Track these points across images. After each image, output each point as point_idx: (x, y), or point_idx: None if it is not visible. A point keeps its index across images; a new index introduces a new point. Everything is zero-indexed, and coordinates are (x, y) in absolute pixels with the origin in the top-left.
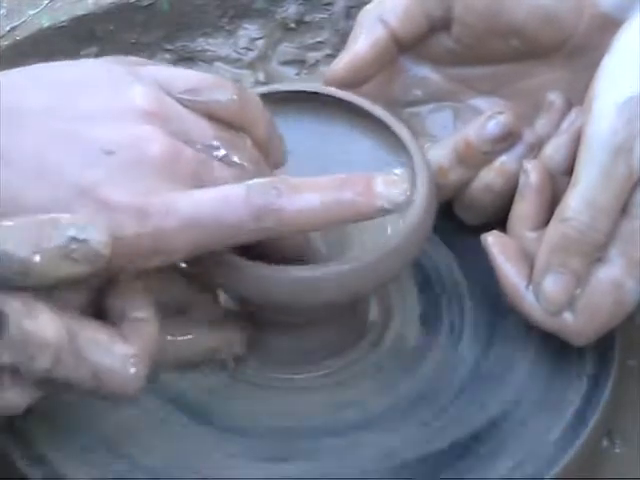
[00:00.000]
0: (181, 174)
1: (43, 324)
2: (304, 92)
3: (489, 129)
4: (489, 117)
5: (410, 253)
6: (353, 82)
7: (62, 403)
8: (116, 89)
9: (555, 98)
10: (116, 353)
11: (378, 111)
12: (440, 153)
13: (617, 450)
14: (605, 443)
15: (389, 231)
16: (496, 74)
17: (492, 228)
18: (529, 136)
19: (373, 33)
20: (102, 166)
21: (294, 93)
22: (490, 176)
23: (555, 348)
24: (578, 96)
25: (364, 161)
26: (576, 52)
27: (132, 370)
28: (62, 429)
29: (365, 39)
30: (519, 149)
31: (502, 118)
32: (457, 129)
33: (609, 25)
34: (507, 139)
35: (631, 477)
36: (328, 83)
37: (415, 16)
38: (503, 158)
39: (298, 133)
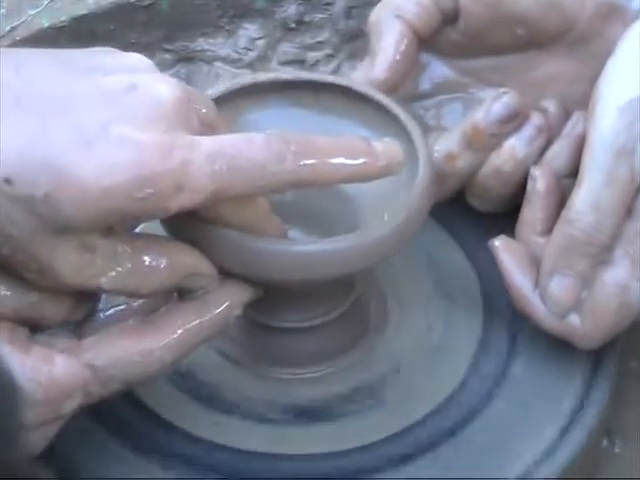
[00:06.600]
0: (193, 120)
1: (61, 371)
2: (302, 80)
3: (495, 110)
4: (494, 99)
5: (406, 234)
6: (393, 83)
7: None
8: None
9: (549, 105)
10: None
11: (376, 95)
12: (449, 140)
13: (617, 450)
14: (605, 443)
15: (385, 214)
16: (503, 65)
17: (505, 216)
18: (537, 118)
19: (395, 30)
20: (123, 104)
21: (292, 81)
22: (499, 160)
23: (555, 347)
24: (584, 86)
25: None
26: (581, 40)
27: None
28: None
29: (389, 38)
30: (527, 131)
31: (507, 98)
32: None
33: (613, 12)
34: (513, 119)
35: (631, 477)
36: None
37: (429, 8)
38: (512, 141)
39: (294, 120)
